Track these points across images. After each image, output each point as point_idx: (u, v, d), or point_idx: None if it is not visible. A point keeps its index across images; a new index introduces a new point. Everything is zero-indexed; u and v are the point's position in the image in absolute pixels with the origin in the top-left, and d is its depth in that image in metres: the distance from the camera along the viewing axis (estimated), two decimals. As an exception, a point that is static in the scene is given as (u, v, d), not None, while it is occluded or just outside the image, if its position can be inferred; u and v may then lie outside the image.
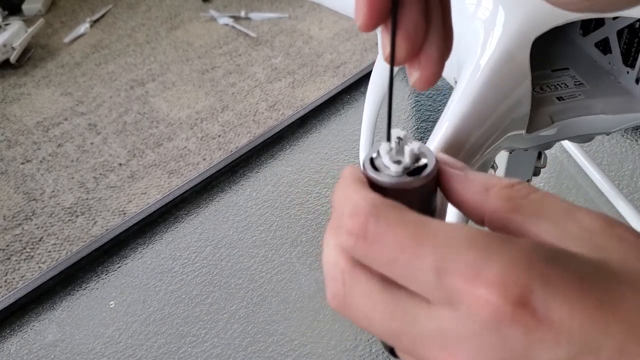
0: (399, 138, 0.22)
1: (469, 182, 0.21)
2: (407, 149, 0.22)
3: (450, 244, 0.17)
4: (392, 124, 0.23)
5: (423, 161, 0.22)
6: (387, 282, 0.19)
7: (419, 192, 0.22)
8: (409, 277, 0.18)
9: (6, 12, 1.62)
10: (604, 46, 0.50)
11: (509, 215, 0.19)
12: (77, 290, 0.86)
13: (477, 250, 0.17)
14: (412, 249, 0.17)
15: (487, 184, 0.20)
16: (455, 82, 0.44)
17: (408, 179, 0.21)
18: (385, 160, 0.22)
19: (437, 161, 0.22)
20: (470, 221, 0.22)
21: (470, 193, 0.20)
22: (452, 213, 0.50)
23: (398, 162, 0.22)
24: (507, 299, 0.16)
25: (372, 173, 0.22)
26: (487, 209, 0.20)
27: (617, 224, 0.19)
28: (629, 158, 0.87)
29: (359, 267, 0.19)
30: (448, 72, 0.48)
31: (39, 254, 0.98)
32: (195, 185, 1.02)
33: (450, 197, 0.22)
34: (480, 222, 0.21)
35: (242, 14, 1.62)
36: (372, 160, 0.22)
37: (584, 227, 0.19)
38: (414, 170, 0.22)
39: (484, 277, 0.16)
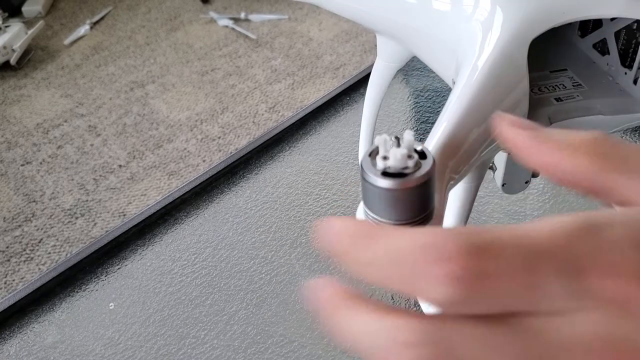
0: (397, 138, 0.22)
1: (540, 143, 0.18)
2: (404, 149, 0.22)
3: (604, 245, 0.15)
4: (392, 124, 0.23)
5: (421, 160, 0.22)
6: (492, 316, 0.15)
7: (418, 192, 0.22)
8: (535, 297, 0.15)
9: (6, 14, 1.62)
10: (602, 47, 0.51)
11: (598, 176, 0.17)
12: (77, 292, 0.86)
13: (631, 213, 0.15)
14: (539, 257, 0.15)
15: (565, 141, 0.18)
16: (454, 82, 0.44)
17: (405, 178, 0.21)
18: (382, 160, 0.22)
19: (435, 161, 0.22)
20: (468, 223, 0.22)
21: (543, 155, 0.18)
22: (451, 213, 0.50)
23: (395, 162, 0.22)
24: None
25: (370, 173, 0.22)
26: (568, 169, 0.17)
27: None
28: (628, 159, 0.88)
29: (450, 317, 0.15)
30: (446, 73, 0.48)
31: (38, 256, 0.98)
32: (195, 186, 1.02)
33: (520, 154, 0.19)
34: (561, 183, 0.18)
35: (242, 15, 1.62)
36: (369, 161, 0.22)
37: None
38: (412, 170, 0.22)
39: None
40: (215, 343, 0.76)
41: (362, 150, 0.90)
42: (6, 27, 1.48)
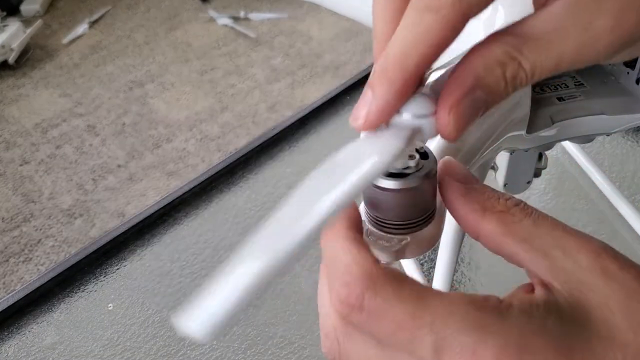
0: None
1: (469, 199, 0.21)
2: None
3: (448, 323, 0.18)
4: None
5: (422, 160, 0.22)
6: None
7: (419, 192, 0.22)
8: (406, 350, 0.18)
9: (4, 13, 1.62)
10: (604, 46, 0.50)
11: (502, 239, 0.20)
12: (76, 293, 0.86)
13: (474, 331, 0.18)
14: (411, 327, 0.18)
15: (485, 204, 0.20)
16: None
17: (407, 178, 0.21)
18: None
19: (436, 160, 0.22)
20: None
21: (468, 210, 0.21)
22: (451, 216, 0.50)
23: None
24: None
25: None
26: (482, 229, 0.20)
27: (604, 254, 0.19)
28: (630, 159, 0.87)
29: (352, 326, 0.19)
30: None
31: (37, 256, 0.97)
32: (194, 186, 1.02)
33: (449, 209, 0.22)
34: (475, 238, 0.21)
35: (242, 14, 1.61)
36: None
37: (571, 259, 0.19)
38: (414, 170, 0.21)
39: (481, 356, 0.17)
40: (214, 344, 0.76)
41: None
42: (4, 26, 1.48)
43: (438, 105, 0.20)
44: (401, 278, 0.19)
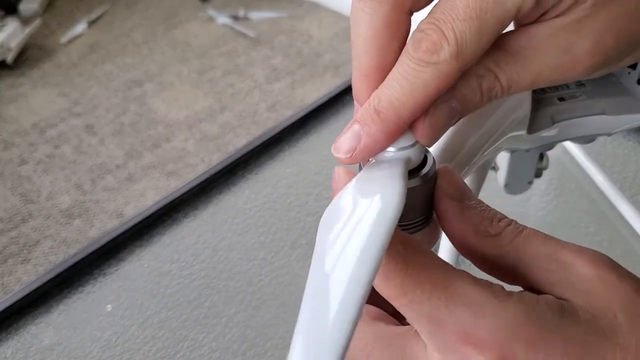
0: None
1: (462, 219, 0.21)
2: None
3: (447, 297, 0.18)
4: None
5: (422, 164, 0.22)
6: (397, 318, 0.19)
7: (418, 193, 0.21)
8: (409, 317, 0.18)
9: (2, 12, 1.61)
10: (606, 46, 0.50)
11: (495, 262, 0.20)
12: (74, 294, 0.86)
13: (471, 309, 0.17)
14: (412, 292, 0.18)
15: (479, 228, 0.20)
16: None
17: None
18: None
19: (435, 162, 0.22)
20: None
21: (461, 232, 0.21)
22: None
23: None
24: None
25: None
26: (474, 252, 0.20)
27: (602, 264, 0.19)
28: (632, 160, 0.87)
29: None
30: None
31: (35, 257, 0.97)
32: (194, 187, 1.01)
33: (442, 226, 0.22)
34: (465, 257, 0.21)
35: (241, 13, 1.61)
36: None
37: (567, 270, 0.19)
38: (412, 171, 0.21)
39: (473, 337, 0.17)
40: (214, 345, 0.76)
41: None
42: (2, 25, 1.47)
43: None
44: (408, 242, 0.19)
